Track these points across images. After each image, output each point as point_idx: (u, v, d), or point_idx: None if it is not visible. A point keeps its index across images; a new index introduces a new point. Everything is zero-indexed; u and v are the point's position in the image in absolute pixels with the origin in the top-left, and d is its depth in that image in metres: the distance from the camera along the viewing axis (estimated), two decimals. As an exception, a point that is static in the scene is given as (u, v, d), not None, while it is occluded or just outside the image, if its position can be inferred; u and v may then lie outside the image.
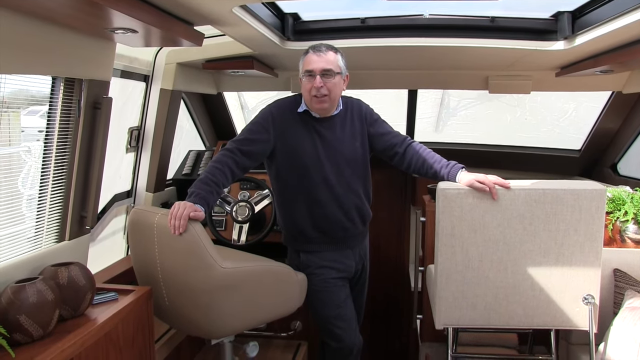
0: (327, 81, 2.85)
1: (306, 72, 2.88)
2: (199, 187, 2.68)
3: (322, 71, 2.85)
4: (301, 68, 2.93)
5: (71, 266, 2.35)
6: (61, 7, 1.92)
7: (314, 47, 2.90)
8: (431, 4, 3.15)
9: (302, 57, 2.93)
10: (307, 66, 2.88)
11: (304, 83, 2.90)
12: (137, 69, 3.43)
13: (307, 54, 2.90)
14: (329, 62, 2.86)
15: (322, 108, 2.93)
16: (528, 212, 2.57)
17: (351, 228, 3.08)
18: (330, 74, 2.86)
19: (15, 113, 2.49)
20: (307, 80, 2.88)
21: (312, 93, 2.87)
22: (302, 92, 2.95)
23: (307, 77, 2.88)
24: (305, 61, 2.90)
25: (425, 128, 5.31)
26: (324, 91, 2.86)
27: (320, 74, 2.85)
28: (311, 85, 2.86)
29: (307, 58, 2.89)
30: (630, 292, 2.87)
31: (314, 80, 2.85)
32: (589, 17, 2.83)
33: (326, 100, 2.89)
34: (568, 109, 5.26)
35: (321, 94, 2.86)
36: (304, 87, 2.92)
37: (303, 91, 2.94)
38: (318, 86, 2.84)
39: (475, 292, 2.69)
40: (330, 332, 3.07)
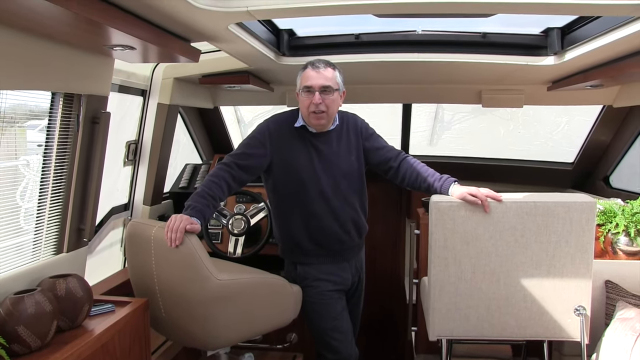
0: (326, 98, 2.87)
1: (305, 88, 2.88)
2: (196, 200, 2.70)
3: (321, 88, 2.86)
4: (299, 83, 2.94)
5: (69, 278, 2.37)
6: (60, 25, 1.95)
7: (312, 63, 2.91)
8: (424, 21, 3.20)
9: (300, 72, 2.94)
10: (305, 82, 2.88)
11: (302, 99, 2.91)
12: (134, 84, 3.46)
13: (305, 70, 2.91)
14: (327, 78, 2.87)
15: (319, 124, 2.94)
16: (520, 224, 2.60)
17: (347, 241, 3.11)
18: (329, 90, 2.88)
19: (22, 128, 2.53)
20: (306, 96, 2.89)
21: (311, 109, 2.88)
22: (300, 107, 2.96)
23: (305, 92, 2.89)
24: (304, 77, 2.90)
25: (420, 142, 5.35)
26: (323, 107, 2.87)
27: (319, 91, 2.86)
28: (310, 102, 2.87)
29: (306, 74, 2.90)
30: (622, 303, 2.89)
31: (313, 96, 2.85)
32: (577, 33, 2.88)
33: (324, 116, 2.91)
34: (560, 122, 5.30)
35: (319, 110, 2.87)
36: (302, 103, 2.92)
37: (301, 106, 2.95)
38: (317, 102, 2.85)
39: (468, 304, 2.71)
40: (326, 344, 3.08)
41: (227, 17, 2.22)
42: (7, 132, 2.44)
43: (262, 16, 2.28)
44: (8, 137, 2.47)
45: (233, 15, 2.20)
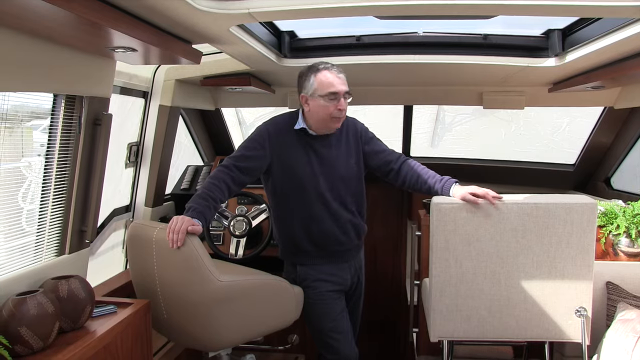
0: (345, 102, 2.92)
1: (330, 95, 2.86)
2: (197, 202, 2.71)
3: (345, 93, 2.89)
4: (315, 88, 2.89)
5: (71, 279, 2.38)
6: (62, 27, 1.96)
7: (327, 68, 2.89)
8: (425, 22, 3.21)
9: (312, 76, 2.90)
10: (330, 88, 2.86)
11: (324, 104, 2.88)
12: (136, 86, 3.47)
13: (321, 74, 2.88)
14: (346, 83, 2.91)
15: (337, 127, 2.99)
16: (521, 225, 2.61)
17: (347, 242, 3.11)
18: (349, 94, 2.92)
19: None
20: (330, 101, 2.87)
21: (335, 115, 2.89)
22: (317, 112, 2.92)
23: (329, 99, 2.87)
24: (326, 83, 2.87)
25: (421, 143, 5.35)
26: (345, 112, 2.94)
27: (343, 96, 2.89)
28: (334, 107, 2.87)
29: (327, 79, 2.87)
30: (623, 304, 2.90)
31: (339, 102, 2.87)
32: (578, 34, 2.89)
33: (341, 120, 2.97)
34: (562, 124, 5.30)
35: (342, 115, 2.93)
36: (323, 108, 2.89)
37: (318, 112, 2.91)
38: (344, 108, 2.90)
39: (469, 305, 2.72)
40: (326, 344, 3.09)
41: (228, 19, 2.23)
42: (13, 133, 2.45)
43: (263, 18, 2.29)
44: (15, 138, 2.49)
45: (234, 17, 2.20)
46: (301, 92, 2.95)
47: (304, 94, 2.94)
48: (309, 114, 2.96)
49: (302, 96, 2.95)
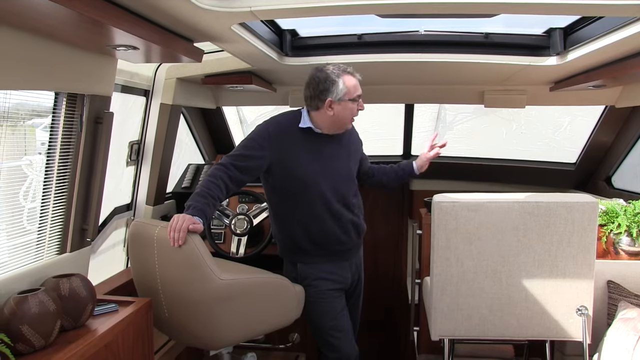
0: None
1: (357, 97, 2.96)
2: (196, 200, 2.71)
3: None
4: (347, 92, 2.92)
5: (72, 278, 2.38)
6: (64, 25, 1.96)
7: (347, 70, 2.96)
8: (426, 21, 3.20)
9: (340, 79, 2.91)
10: (356, 91, 2.95)
11: (352, 106, 2.96)
12: (137, 84, 3.47)
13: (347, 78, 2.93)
14: None
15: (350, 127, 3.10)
16: (522, 224, 2.61)
17: (347, 242, 3.12)
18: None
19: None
20: (353, 104, 2.96)
21: (355, 115, 3.02)
22: (345, 114, 2.97)
23: (354, 101, 2.96)
24: (353, 86, 2.94)
25: (422, 142, 5.33)
26: None
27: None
28: (357, 108, 2.99)
29: (354, 83, 2.94)
30: (624, 303, 2.90)
31: (359, 103, 2.99)
32: (580, 33, 2.88)
33: None
34: (563, 122, 5.29)
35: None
36: (350, 110, 2.97)
37: (346, 114, 2.97)
38: (363, 108, 3.02)
39: (470, 304, 2.72)
40: (326, 342, 3.10)
41: (230, 18, 2.22)
42: (15, 132, 2.45)
43: (265, 16, 2.29)
44: (16, 137, 2.49)
45: (236, 16, 2.20)
46: (326, 97, 2.92)
47: (331, 98, 2.92)
48: (329, 117, 2.96)
49: (328, 101, 2.92)
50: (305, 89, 3.00)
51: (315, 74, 2.95)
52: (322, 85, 2.92)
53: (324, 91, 2.92)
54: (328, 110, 2.93)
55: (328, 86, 2.91)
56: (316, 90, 2.94)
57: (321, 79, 2.93)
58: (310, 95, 2.96)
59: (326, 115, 2.95)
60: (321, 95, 2.93)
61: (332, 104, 2.92)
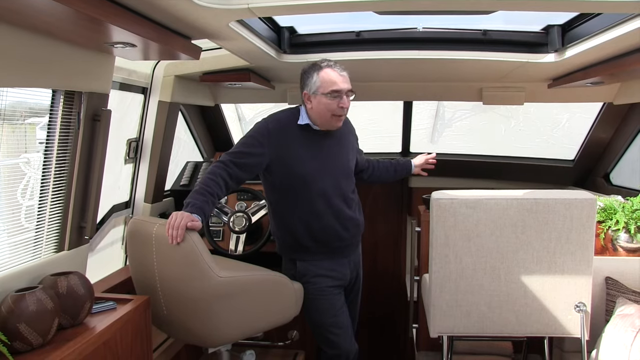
0: (348, 100, 2.96)
1: (333, 92, 2.89)
2: (195, 197, 2.71)
3: (348, 91, 2.92)
4: (319, 86, 2.90)
5: (70, 275, 2.38)
6: (62, 22, 1.95)
7: (330, 65, 2.92)
8: (424, 18, 3.20)
9: (315, 73, 2.91)
10: (333, 86, 2.89)
11: (327, 102, 2.90)
12: (135, 82, 3.47)
13: (324, 72, 2.90)
14: (349, 82, 2.95)
15: (339, 125, 3.02)
16: (520, 221, 2.60)
17: (347, 238, 3.13)
18: (351, 93, 2.96)
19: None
20: (332, 99, 2.90)
21: (337, 113, 2.93)
22: (319, 110, 2.94)
23: (332, 97, 2.89)
24: (329, 80, 2.89)
25: (421, 139, 5.35)
26: (347, 110, 2.97)
27: (346, 94, 2.92)
28: (337, 105, 2.90)
29: (330, 77, 2.90)
30: (622, 299, 2.90)
31: (341, 100, 2.91)
32: (578, 30, 2.89)
33: (343, 118, 3.01)
34: (561, 119, 5.30)
35: (345, 112, 2.97)
36: (325, 106, 2.91)
37: (321, 109, 2.93)
38: (347, 106, 2.94)
39: (469, 301, 2.72)
40: (325, 339, 3.11)
41: (228, 15, 2.22)
42: (12, 130, 2.44)
43: (263, 13, 2.28)
44: (13, 135, 2.48)
45: (234, 13, 2.20)
46: (304, 89, 2.96)
47: (306, 91, 2.95)
48: (311, 112, 2.98)
49: (304, 94, 2.96)
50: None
51: (302, 68, 3.00)
52: (302, 77, 2.99)
53: (302, 84, 2.98)
54: (308, 103, 2.97)
55: (305, 79, 2.96)
56: (300, 84, 3.00)
57: (303, 71, 2.99)
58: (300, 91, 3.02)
59: (308, 109, 2.99)
60: (301, 87, 2.99)
61: (308, 97, 2.95)
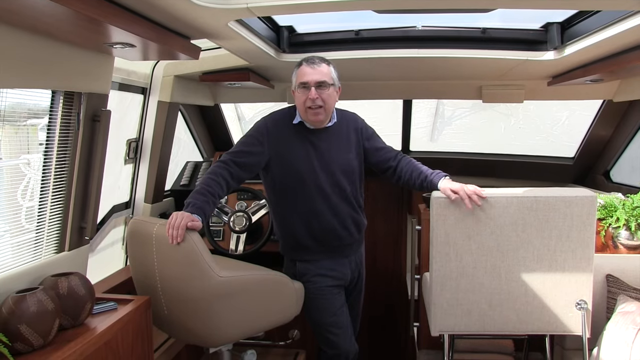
0: (322, 92, 2.89)
1: (300, 85, 2.90)
2: (195, 197, 2.71)
3: (317, 83, 2.88)
4: (294, 80, 2.95)
5: (71, 276, 2.38)
6: (61, 23, 1.95)
7: (306, 59, 2.93)
8: (423, 16, 3.20)
9: (295, 69, 2.96)
10: (301, 79, 2.90)
11: (298, 95, 2.92)
12: (135, 82, 3.47)
13: (300, 67, 2.94)
14: (323, 74, 2.89)
15: (317, 120, 2.96)
16: (521, 219, 2.60)
17: (347, 237, 3.12)
18: (325, 85, 2.90)
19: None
20: (302, 92, 2.90)
21: (307, 105, 2.90)
22: (297, 104, 2.98)
23: (301, 89, 2.90)
24: (299, 74, 2.92)
25: (421, 138, 5.35)
26: (319, 102, 2.89)
27: (315, 86, 2.87)
28: (306, 97, 2.88)
29: (301, 70, 2.92)
30: (623, 297, 2.90)
31: (309, 92, 2.87)
32: (577, 27, 2.88)
33: (321, 112, 2.93)
34: (561, 117, 5.30)
35: (316, 105, 2.89)
36: (298, 99, 2.94)
37: (297, 103, 2.96)
38: (313, 97, 2.87)
39: (469, 299, 2.72)
40: (325, 338, 3.10)
41: (227, 14, 2.22)
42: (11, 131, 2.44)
43: (262, 13, 2.28)
44: (13, 136, 2.48)
45: (233, 12, 2.20)
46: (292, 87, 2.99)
47: (292, 88, 2.99)
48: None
49: (292, 91, 3.00)
50: None
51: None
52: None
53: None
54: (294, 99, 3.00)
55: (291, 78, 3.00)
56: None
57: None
58: None
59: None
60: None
61: (293, 93, 2.98)
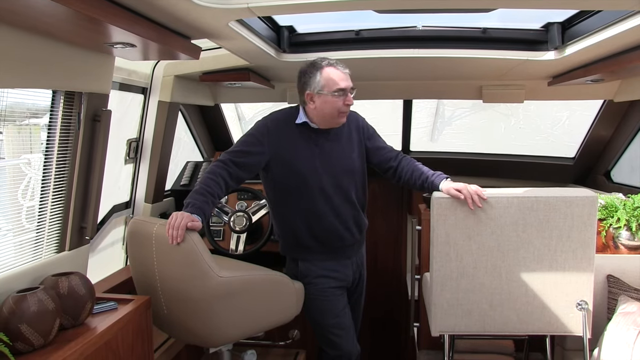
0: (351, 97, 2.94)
1: (338, 90, 2.86)
2: (195, 197, 2.70)
3: (351, 88, 2.91)
4: (325, 85, 2.87)
5: (71, 276, 2.38)
6: (61, 23, 1.95)
7: (331, 64, 2.90)
8: (424, 16, 3.20)
9: (318, 72, 2.88)
10: (337, 84, 2.86)
11: (332, 100, 2.87)
12: (135, 82, 3.47)
13: (326, 70, 2.88)
14: (350, 79, 2.92)
15: (343, 122, 3.00)
16: (521, 219, 2.60)
17: (349, 238, 3.11)
18: (353, 90, 2.94)
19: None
20: (338, 97, 2.87)
21: (343, 110, 2.91)
22: (325, 108, 2.90)
23: (338, 94, 2.87)
24: (333, 79, 2.87)
25: (421, 138, 5.35)
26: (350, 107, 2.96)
27: (349, 91, 2.91)
28: (342, 102, 2.88)
29: (334, 75, 2.87)
30: (624, 297, 2.90)
31: (346, 97, 2.89)
32: (578, 27, 2.88)
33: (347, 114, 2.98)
34: (561, 117, 5.30)
35: (349, 109, 2.95)
36: (331, 104, 2.88)
37: (327, 108, 2.90)
38: (351, 102, 2.91)
39: (470, 299, 2.72)
40: (328, 340, 3.10)
41: (227, 14, 2.22)
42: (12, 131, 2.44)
43: (262, 13, 2.28)
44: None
45: (233, 12, 2.20)
46: (305, 90, 2.91)
47: (309, 91, 2.91)
48: (314, 111, 2.94)
49: (307, 94, 2.92)
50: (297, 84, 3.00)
51: (300, 68, 2.96)
52: (303, 78, 2.93)
53: (304, 84, 2.92)
54: (310, 103, 2.93)
55: (307, 79, 2.91)
56: (299, 83, 2.95)
57: (303, 71, 2.93)
58: (298, 90, 2.98)
59: (310, 108, 2.95)
60: (302, 88, 2.94)
61: (312, 97, 2.91)
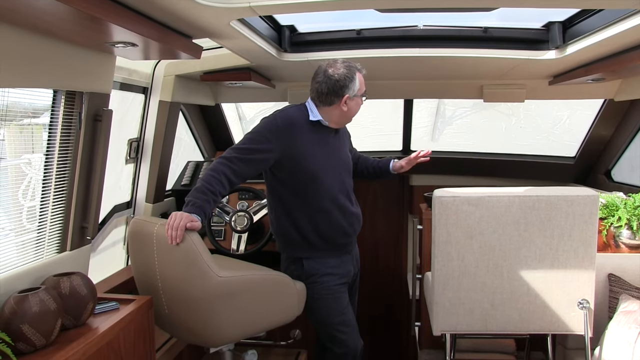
0: None
1: (365, 93, 3.04)
2: (196, 196, 2.68)
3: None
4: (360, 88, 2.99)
5: (73, 276, 2.38)
6: (62, 22, 1.95)
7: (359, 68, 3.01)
8: (425, 15, 3.20)
9: (355, 76, 2.96)
10: (364, 88, 3.03)
11: (360, 102, 3.05)
12: (136, 81, 3.46)
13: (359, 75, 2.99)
14: None
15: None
16: (523, 218, 2.60)
17: (352, 234, 3.16)
18: None
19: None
20: (361, 98, 3.04)
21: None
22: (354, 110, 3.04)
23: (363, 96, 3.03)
24: (363, 82, 3.02)
25: (421, 137, 5.34)
26: None
27: None
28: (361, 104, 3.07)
29: (362, 79, 3.01)
30: (625, 296, 2.90)
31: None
32: (579, 27, 2.88)
33: None
34: (562, 116, 5.29)
35: None
36: (359, 106, 3.06)
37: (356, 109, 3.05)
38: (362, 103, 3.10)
39: (471, 298, 2.72)
40: (334, 338, 3.11)
41: (228, 13, 2.22)
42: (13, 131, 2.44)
43: (263, 12, 2.28)
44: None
45: (235, 12, 2.20)
46: (345, 93, 2.94)
47: (348, 94, 2.94)
48: (342, 112, 3.00)
49: (346, 97, 2.95)
50: (318, 85, 2.96)
51: (331, 72, 2.94)
52: (341, 82, 2.93)
53: (343, 87, 2.93)
54: (343, 106, 2.96)
55: (347, 83, 2.93)
56: (335, 86, 2.93)
57: (340, 76, 2.93)
58: (326, 92, 2.94)
59: (339, 110, 2.98)
60: (340, 91, 2.94)
61: (347, 100, 2.96)
